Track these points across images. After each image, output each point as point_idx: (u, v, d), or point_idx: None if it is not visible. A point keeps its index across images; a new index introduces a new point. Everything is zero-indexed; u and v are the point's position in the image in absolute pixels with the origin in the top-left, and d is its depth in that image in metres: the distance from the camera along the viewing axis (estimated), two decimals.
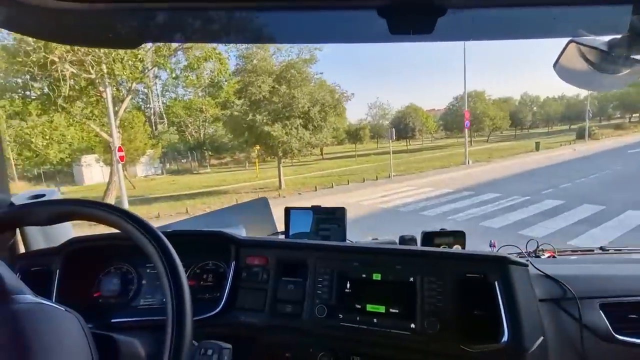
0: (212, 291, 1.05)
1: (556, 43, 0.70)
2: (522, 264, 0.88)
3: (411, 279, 0.88)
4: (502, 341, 0.78)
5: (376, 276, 0.91)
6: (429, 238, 1.17)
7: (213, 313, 0.96)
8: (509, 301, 0.81)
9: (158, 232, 0.58)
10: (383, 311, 0.88)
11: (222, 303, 0.97)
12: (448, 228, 1.22)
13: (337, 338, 0.91)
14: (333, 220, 1.26)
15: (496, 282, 0.83)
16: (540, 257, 1.26)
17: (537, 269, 0.96)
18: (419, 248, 1.11)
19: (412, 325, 0.84)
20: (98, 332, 0.54)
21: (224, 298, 0.98)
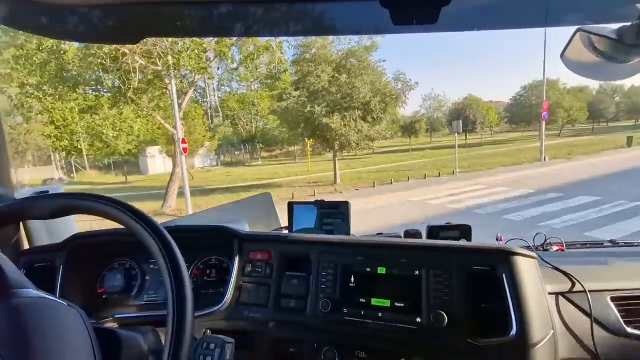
0: (216, 286, 1.05)
1: None
2: (530, 256, 0.86)
3: (417, 273, 0.87)
4: (511, 335, 0.77)
5: (381, 270, 0.90)
6: (435, 232, 1.17)
7: (217, 308, 0.96)
8: (517, 294, 0.79)
9: (160, 227, 0.57)
10: (388, 305, 0.87)
11: (226, 298, 0.98)
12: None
13: (342, 333, 0.90)
14: (337, 214, 1.23)
15: (504, 275, 0.82)
16: (548, 251, 1.26)
17: (546, 262, 0.95)
18: (424, 241, 1.09)
19: (418, 319, 0.83)
20: (100, 327, 0.55)
21: (228, 293, 0.98)
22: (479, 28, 0.70)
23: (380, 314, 0.86)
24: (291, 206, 1.26)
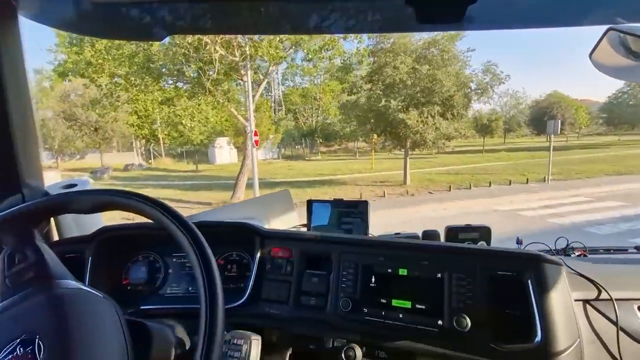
0: (236, 282, 1.07)
1: None
2: (556, 263, 0.84)
3: (439, 275, 0.86)
4: (535, 341, 0.76)
5: (402, 271, 0.89)
6: (453, 233, 1.18)
7: (238, 303, 0.97)
8: (543, 301, 0.78)
9: (191, 224, 0.58)
10: (409, 307, 0.86)
11: (247, 294, 0.98)
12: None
13: (362, 332, 0.90)
14: (356, 214, 1.23)
15: (529, 281, 0.80)
16: (570, 256, 1.26)
17: (571, 268, 0.93)
18: (447, 244, 1.10)
19: (440, 322, 0.82)
20: (131, 319, 0.55)
21: (249, 289, 0.99)
22: (506, 27, 0.75)
23: (400, 315, 0.86)
24: (310, 204, 1.28)
